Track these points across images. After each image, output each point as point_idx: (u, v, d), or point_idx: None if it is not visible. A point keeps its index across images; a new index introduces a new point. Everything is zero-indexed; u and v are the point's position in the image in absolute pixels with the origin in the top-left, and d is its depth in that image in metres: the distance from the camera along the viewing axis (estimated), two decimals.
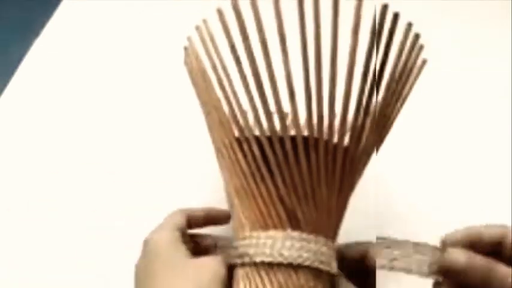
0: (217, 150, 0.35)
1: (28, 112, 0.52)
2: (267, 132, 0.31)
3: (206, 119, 0.37)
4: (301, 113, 0.31)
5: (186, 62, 0.39)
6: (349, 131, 0.32)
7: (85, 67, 0.56)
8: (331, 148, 0.31)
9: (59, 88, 0.54)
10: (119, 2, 0.63)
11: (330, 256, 0.32)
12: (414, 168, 0.49)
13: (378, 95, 0.31)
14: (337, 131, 0.32)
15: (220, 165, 0.35)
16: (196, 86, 0.37)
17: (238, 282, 0.31)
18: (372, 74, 0.31)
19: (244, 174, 0.32)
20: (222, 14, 0.30)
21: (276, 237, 0.31)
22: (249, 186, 0.32)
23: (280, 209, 0.31)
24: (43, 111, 0.52)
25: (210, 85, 0.35)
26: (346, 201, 0.34)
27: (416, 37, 0.34)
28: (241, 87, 0.31)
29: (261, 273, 0.30)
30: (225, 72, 0.33)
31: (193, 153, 0.48)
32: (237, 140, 0.33)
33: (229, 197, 0.34)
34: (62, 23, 0.61)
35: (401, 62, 0.33)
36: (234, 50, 0.30)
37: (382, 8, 0.29)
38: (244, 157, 0.32)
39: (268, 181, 0.31)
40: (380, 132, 0.34)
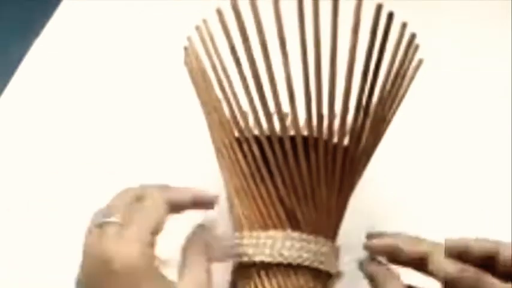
0: (217, 150, 0.35)
1: (28, 112, 0.52)
2: (267, 132, 0.31)
3: (206, 119, 0.37)
4: (301, 113, 0.31)
5: (186, 62, 0.39)
6: (348, 131, 0.32)
7: (85, 67, 0.56)
8: (331, 148, 0.31)
9: (59, 88, 0.54)
10: (119, 2, 0.63)
11: (329, 256, 0.32)
12: (414, 168, 0.49)
13: (374, 95, 0.31)
14: (336, 131, 0.32)
15: (220, 165, 0.35)
16: (196, 86, 0.37)
17: (238, 282, 0.31)
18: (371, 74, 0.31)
19: (244, 174, 0.32)
20: (221, 14, 0.30)
21: (276, 237, 0.31)
22: (248, 186, 0.32)
23: (280, 209, 0.31)
24: (43, 111, 0.52)
25: (210, 85, 0.35)
26: (346, 201, 0.34)
27: (412, 37, 0.34)
28: (241, 88, 0.31)
29: (260, 273, 0.31)
30: (225, 72, 0.33)
31: (193, 153, 0.48)
32: (237, 140, 0.33)
33: (229, 197, 0.34)
34: (62, 23, 0.61)
35: (397, 61, 0.33)
36: (234, 50, 0.30)
37: (376, 8, 0.29)
38: (244, 157, 0.32)
39: (268, 181, 0.31)
40: (377, 132, 0.34)
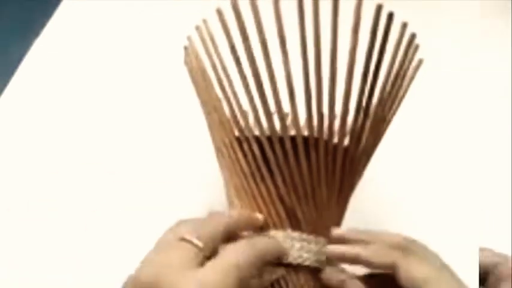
0: (218, 149, 0.35)
1: (28, 112, 0.52)
2: (267, 132, 0.31)
3: (206, 118, 0.37)
4: (301, 112, 0.31)
5: (186, 62, 0.39)
6: (349, 132, 0.32)
7: (85, 67, 0.56)
8: (331, 148, 0.31)
9: (59, 88, 0.54)
10: (119, 2, 0.63)
11: None
12: (414, 168, 0.49)
13: (374, 95, 0.31)
14: (337, 132, 0.32)
15: (220, 165, 0.35)
16: (196, 86, 0.37)
17: None
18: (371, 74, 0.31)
19: (244, 173, 0.32)
20: (221, 14, 0.30)
21: (276, 237, 0.31)
22: (249, 185, 0.32)
23: (280, 208, 0.31)
24: (43, 111, 0.52)
25: (210, 85, 0.35)
26: (346, 201, 0.34)
27: (412, 37, 0.34)
28: (241, 87, 0.31)
29: None
30: (225, 72, 0.33)
31: (194, 153, 0.48)
32: (237, 140, 0.33)
33: (229, 196, 0.34)
34: (62, 23, 0.61)
35: (397, 62, 0.33)
36: (234, 50, 0.30)
37: (376, 8, 0.29)
38: (245, 157, 0.32)
39: (268, 181, 0.31)
40: (377, 132, 0.34)
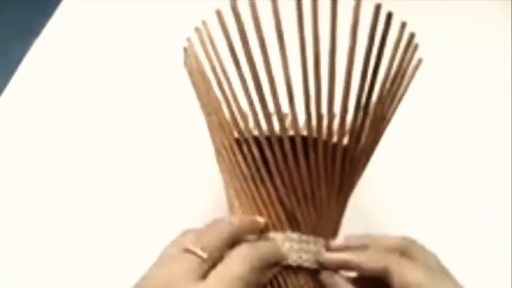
0: (217, 152, 0.35)
1: (28, 112, 0.52)
2: (266, 133, 0.31)
3: (206, 120, 0.37)
4: (301, 113, 0.31)
5: (186, 63, 0.39)
6: (348, 131, 0.32)
7: (85, 67, 0.56)
8: (330, 148, 0.31)
9: (59, 88, 0.54)
10: (119, 2, 0.63)
11: None
12: (414, 168, 0.49)
13: (373, 95, 0.31)
14: (336, 131, 0.32)
15: (220, 167, 0.35)
16: (196, 88, 0.37)
17: None
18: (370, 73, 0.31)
19: (244, 176, 0.32)
20: (221, 15, 0.30)
21: (276, 238, 0.31)
22: (249, 188, 0.32)
23: (279, 210, 0.31)
24: (43, 111, 0.52)
25: (209, 86, 0.35)
26: (346, 201, 0.34)
27: (412, 36, 0.34)
28: (240, 89, 0.31)
29: None
30: (225, 73, 0.33)
31: (194, 154, 0.48)
32: (237, 142, 0.33)
33: (229, 199, 0.34)
34: (62, 23, 0.61)
35: (396, 61, 0.33)
36: (233, 51, 0.30)
37: (375, 8, 0.29)
38: (244, 159, 0.32)
39: (267, 183, 0.31)
40: (376, 132, 0.34)
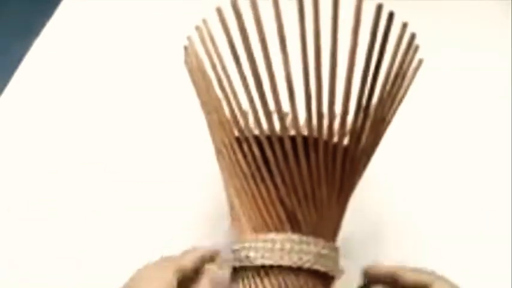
0: (218, 151, 0.35)
1: (28, 112, 0.52)
2: (267, 132, 0.31)
3: (206, 118, 0.37)
4: (301, 113, 0.31)
5: (186, 62, 0.39)
6: (348, 131, 0.32)
7: (85, 67, 0.56)
8: (331, 148, 0.31)
9: (59, 88, 0.54)
10: (119, 2, 0.63)
11: (329, 257, 0.32)
12: (414, 169, 0.49)
13: (374, 95, 0.31)
14: (337, 131, 0.32)
15: (220, 166, 0.35)
16: (196, 86, 0.37)
17: (238, 284, 0.31)
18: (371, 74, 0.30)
19: (244, 174, 0.32)
20: (221, 13, 0.30)
21: (276, 240, 0.31)
22: (249, 186, 0.32)
23: (280, 210, 0.31)
24: (43, 111, 0.52)
25: (210, 85, 0.35)
26: (346, 202, 0.34)
27: (412, 37, 0.34)
28: (241, 87, 0.31)
29: (261, 276, 0.31)
30: (225, 71, 0.33)
31: (194, 154, 0.48)
32: (237, 140, 0.33)
33: (229, 198, 0.34)
34: (62, 23, 0.61)
35: (397, 62, 0.33)
36: (234, 50, 0.30)
37: (377, 8, 0.29)
38: (244, 158, 0.32)
39: (268, 181, 0.31)
40: (377, 132, 0.34)
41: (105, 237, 0.43)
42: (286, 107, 0.30)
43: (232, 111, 0.33)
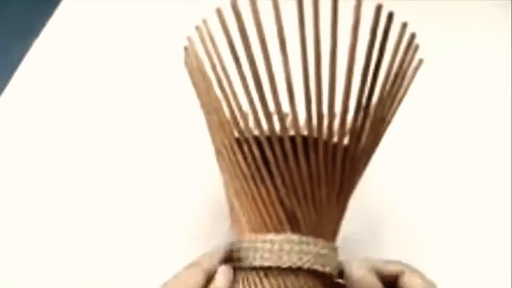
0: (217, 152, 0.35)
1: (28, 112, 0.52)
2: (267, 132, 0.31)
3: (206, 119, 0.37)
4: (301, 113, 0.31)
5: (186, 62, 0.39)
6: (348, 131, 0.32)
7: (85, 67, 0.56)
8: (331, 148, 0.31)
9: (59, 88, 0.54)
10: (119, 2, 0.63)
11: (329, 258, 0.32)
12: (413, 169, 0.49)
13: (374, 95, 0.31)
14: (336, 131, 0.32)
15: (220, 167, 0.35)
16: (196, 87, 0.37)
17: (238, 285, 0.31)
18: (371, 74, 0.30)
19: (244, 175, 0.32)
20: (221, 13, 0.30)
21: (275, 240, 0.31)
22: (249, 187, 0.32)
23: (280, 210, 0.31)
24: (43, 111, 0.52)
25: (210, 86, 0.35)
26: (346, 202, 0.34)
27: (412, 37, 0.34)
28: (241, 88, 0.31)
29: (260, 277, 0.31)
30: (225, 72, 0.33)
31: (194, 154, 0.48)
32: (237, 141, 0.33)
33: (229, 199, 0.34)
34: (62, 23, 0.61)
35: (397, 61, 0.33)
36: (233, 50, 0.30)
37: (376, 8, 0.29)
38: (244, 159, 0.32)
39: (268, 182, 0.31)
40: (377, 132, 0.34)
41: (105, 237, 0.43)
42: (286, 107, 0.30)
43: (232, 112, 0.33)
